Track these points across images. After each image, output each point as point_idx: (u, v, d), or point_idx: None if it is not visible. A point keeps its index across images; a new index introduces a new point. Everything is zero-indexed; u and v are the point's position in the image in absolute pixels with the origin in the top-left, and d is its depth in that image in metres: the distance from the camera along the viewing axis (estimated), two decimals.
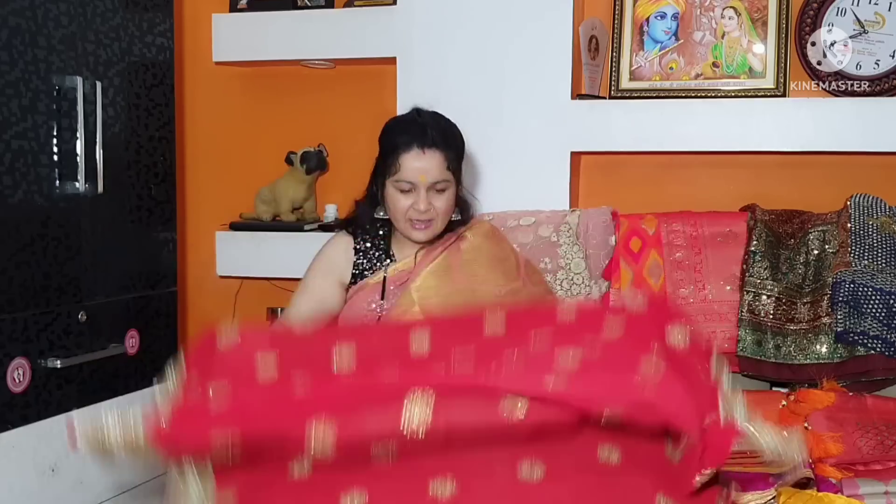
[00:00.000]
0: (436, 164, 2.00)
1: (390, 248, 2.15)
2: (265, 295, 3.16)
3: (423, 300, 2.04)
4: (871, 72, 2.59)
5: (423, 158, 2.00)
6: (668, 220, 2.54)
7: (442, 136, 2.03)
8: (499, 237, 2.22)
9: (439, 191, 2.03)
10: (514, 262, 2.17)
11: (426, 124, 2.03)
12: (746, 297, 2.38)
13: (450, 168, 2.03)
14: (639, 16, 2.75)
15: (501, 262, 2.14)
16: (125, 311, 2.35)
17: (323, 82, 3.15)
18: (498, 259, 2.13)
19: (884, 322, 2.23)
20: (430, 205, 2.02)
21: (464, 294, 2.05)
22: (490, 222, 2.25)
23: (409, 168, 2.00)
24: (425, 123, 2.03)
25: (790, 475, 1.90)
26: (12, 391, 2.00)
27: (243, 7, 3.06)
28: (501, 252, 2.17)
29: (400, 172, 2.01)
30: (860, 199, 2.44)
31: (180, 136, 3.09)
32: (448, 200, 2.05)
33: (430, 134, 2.01)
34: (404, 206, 2.03)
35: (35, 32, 2.05)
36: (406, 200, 2.02)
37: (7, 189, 1.99)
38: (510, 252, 2.20)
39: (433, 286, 2.06)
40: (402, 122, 2.09)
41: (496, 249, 2.16)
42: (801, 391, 2.22)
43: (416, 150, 2.00)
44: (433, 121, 2.06)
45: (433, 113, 2.10)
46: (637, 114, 2.67)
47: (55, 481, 2.13)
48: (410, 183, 2.01)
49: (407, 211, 2.03)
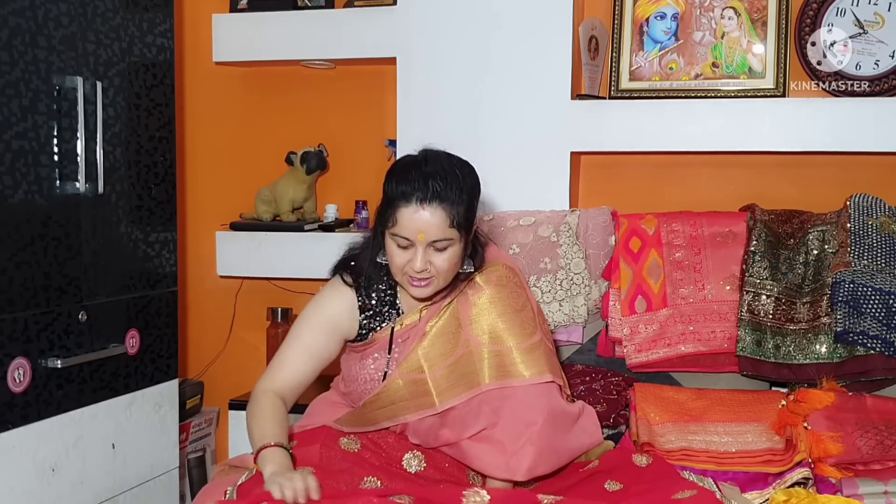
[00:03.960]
0: (437, 221, 1.78)
1: (396, 299, 1.99)
2: (265, 295, 3.17)
3: (433, 368, 1.88)
4: (870, 72, 2.59)
5: (422, 215, 1.78)
6: (667, 220, 2.55)
7: (447, 189, 1.79)
8: (515, 283, 1.98)
9: (440, 249, 1.82)
10: (532, 313, 1.97)
11: (430, 175, 1.79)
12: (746, 296, 2.38)
13: (454, 225, 1.80)
14: (639, 16, 2.75)
15: (518, 312, 1.93)
16: (125, 311, 2.36)
17: (323, 82, 3.15)
18: (514, 310, 1.92)
19: (883, 322, 2.23)
20: (427, 263, 1.82)
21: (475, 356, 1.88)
22: (504, 264, 1.99)
23: (405, 225, 1.79)
24: (429, 174, 1.79)
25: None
26: (12, 391, 2.00)
27: (243, 7, 3.06)
28: (517, 302, 1.94)
29: (397, 226, 1.81)
30: (860, 199, 2.44)
31: (180, 136, 3.10)
32: (450, 260, 1.84)
33: (432, 187, 1.78)
34: (401, 263, 1.83)
35: (35, 32, 2.05)
36: (403, 256, 1.83)
37: (7, 189, 1.99)
38: (527, 300, 1.98)
39: (444, 353, 1.89)
40: (406, 167, 1.84)
41: (512, 299, 1.93)
42: (801, 391, 2.22)
43: (415, 205, 1.78)
44: (440, 169, 1.81)
45: (443, 157, 1.86)
46: (637, 114, 2.68)
47: (55, 481, 2.13)
48: (407, 240, 1.81)
49: (404, 267, 1.84)
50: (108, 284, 2.29)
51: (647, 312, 2.46)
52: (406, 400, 1.90)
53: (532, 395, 1.88)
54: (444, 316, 1.93)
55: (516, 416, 1.86)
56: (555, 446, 1.91)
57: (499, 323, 1.90)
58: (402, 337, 1.96)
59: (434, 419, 1.91)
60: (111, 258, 2.30)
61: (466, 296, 1.93)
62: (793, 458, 2.03)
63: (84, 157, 2.17)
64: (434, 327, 1.92)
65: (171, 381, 2.53)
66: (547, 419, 1.87)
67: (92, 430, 2.25)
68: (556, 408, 1.92)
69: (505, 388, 1.87)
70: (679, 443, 2.13)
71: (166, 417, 2.52)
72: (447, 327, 1.92)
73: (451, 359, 1.89)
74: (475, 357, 1.89)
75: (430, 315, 1.94)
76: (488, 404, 1.88)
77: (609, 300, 2.50)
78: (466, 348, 1.89)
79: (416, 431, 1.93)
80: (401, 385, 1.90)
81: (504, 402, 1.87)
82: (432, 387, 1.88)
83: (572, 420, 1.99)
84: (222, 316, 3.24)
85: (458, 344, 1.90)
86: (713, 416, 2.22)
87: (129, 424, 2.37)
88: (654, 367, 2.45)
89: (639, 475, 1.89)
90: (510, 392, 1.87)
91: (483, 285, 1.93)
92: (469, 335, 1.90)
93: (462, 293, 1.94)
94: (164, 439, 2.51)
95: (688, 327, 2.43)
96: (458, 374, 1.89)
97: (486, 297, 1.92)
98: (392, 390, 1.90)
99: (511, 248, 2.55)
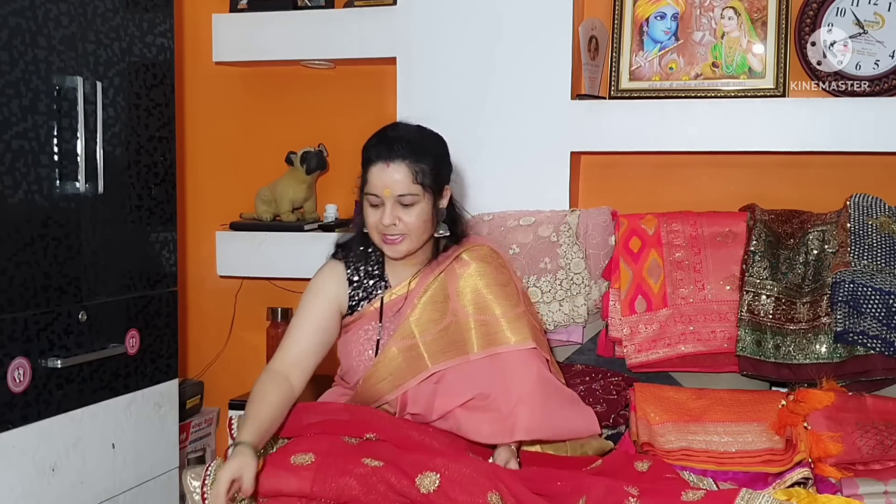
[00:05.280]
0: (400, 177, 1.97)
1: (384, 272, 2.13)
2: (265, 295, 3.17)
3: (423, 333, 2.03)
4: (870, 72, 2.59)
5: (388, 171, 1.97)
6: (667, 220, 2.54)
7: (411, 149, 1.99)
8: (500, 262, 2.16)
9: (406, 205, 1.99)
10: (515, 289, 2.13)
11: (395, 137, 2.01)
12: (746, 296, 2.38)
13: (419, 181, 1.98)
14: (638, 16, 2.75)
15: (503, 287, 2.09)
16: (125, 311, 2.36)
17: (323, 82, 3.15)
18: (499, 284, 2.09)
19: (883, 322, 2.23)
20: (396, 218, 1.99)
21: (462, 326, 2.03)
22: (489, 245, 2.18)
23: (374, 181, 1.99)
24: (394, 137, 2.01)
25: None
26: (12, 391, 2.01)
27: (243, 7, 3.06)
28: (502, 277, 2.12)
29: (368, 185, 2.00)
30: (860, 199, 2.44)
31: (180, 136, 3.09)
32: (419, 216, 2.00)
33: (396, 147, 1.98)
34: (374, 220, 2.01)
35: (35, 32, 2.05)
36: (375, 214, 2.01)
37: (7, 189, 1.99)
38: (510, 278, 2.15)
39: (433, 319, 2.04)
40: (375, 135, 2.06)
41: (497, 274, 2.11)
42: (801, 391, 2.22)
43: (381, 163, 1.98)
44: (405, 132, 2.04)
45: (413, 126, 2.08)
46: (637, 114, 2.68)
47: (55, 481, 2.13)
48: (377, 196, 1.99)
49: (377, 224, 2.01)
50: (108, 284, 2.29)
51: (647, 312, 2.46)
52: (402, 368, 2.02)
53: (519, 359, 2.01)
54: (432, 287, 2.07)
55: (506, 380, 1.99)
56: (548, 411, 1.99)
57: (485, 293, 2.06)
58: (393, 307, 2.08)
59: (430, 387, 2.01)
60: (111, 258, 2.30)
61: (453, 269, 2.09)
62: (793, 458, 2.03)
63: (84, 157, 2.17)
64: (424, 297, 2.06)
65: (171, 381, 2.53)
66: (536, 382, 2.00)
67: (92, 430, 2.25)
68: (544, 374, 2.04)
69: (493, 356, 2.00)
70: (679, 443, 2.13)
71: (166, 417, 2.52)
72: (436, 297, 2.06)
73: (441, 325, 2.03)
74: (463, 327, 2.03)
75: (419, 287, 2.08)
76: (481, 373, 2.00)
77: (609, 300, 2.50)
78: (454, 317, 2.04)
79: (415, 401, 2.02)
80: (395, 353, 2.02)
81: (494, 369, 2.00)
82: (423, 350, 2.02)
83: (566, 397, 2.09)
84: (222, 316, 3.24)
85: (447, 313, 2.05)
86: (713, 416, 2.22)
87: (129, 424, 2.38)
88: (653, 367, 2.45)
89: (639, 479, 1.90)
90: (498, 359, 2.00)
91: (469, 260, 2.10)
92: (457, 306, 2.06)
93: (449, 267, 2.09)
94: (164, 439, 2.52)
95: (688, 327, 2.43)
96: (448, 340, 2.02)
97: (472, 270, 2.08)
98: (388, 359, 2.03)
99: (511, 248, 2.55)
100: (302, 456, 1.80)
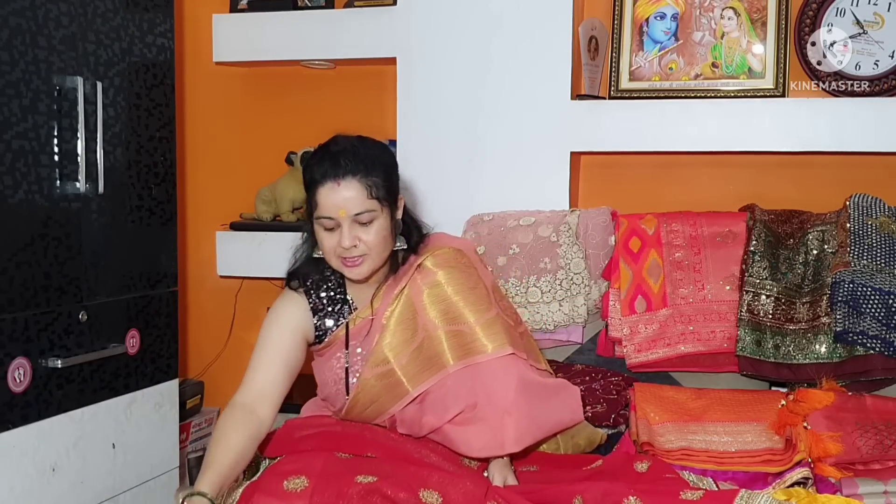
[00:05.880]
0: (353, 194, 1.84)
1: (346, 294, 2.02)
2: (265, 295, 3.17)
3: (398, 357, 1.94)
4: (870, 72, 2.59)
5: (338, 190, 1.84)
6: (667, 220, 2.55)
7: (358, 164, 1.86)
8: (465, 262, 2.02)
9: (364, 223, 1.86)
10: (485, 289, 2.01)
11: (339, 152, 1.87)
12: (746, 296, 2.38)
13: (374, 196, 1.86)
14: (638, 16, 2.75)
15: (472, 290, 1.98)
16: (125, 310, 2.36)
17: (323, 82, 3.15)
18: (468, 288, 1.98)
19: (883, 322, 2.23)
20: (356, 239, 1.86)
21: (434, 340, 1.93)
22: (451, 247, 2.04)
23: (325, 204, 1.85)
24: (338, 152, 1.87)
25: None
26: (13, 391, 2.01)
27: (243, 7, 3.06)
28: (469, 280, 1.99)
29: (319, 208, 1.86)
30: (859, 199, 2.45)
31: (180, 136, 3.10)
32: (378, 233, 1.88)
33: (342, 163, 1.85)
34: (331, 245, 1.88)
35: (36, 33, 2.05)
36: (332, 238, 1.87)
37: (7, 189, 1.99)
38: (478, 279, 2.02)
39: (405, 339, 1.94)
40: (316, 154, 1.92)
41: (464, 278, 1.98)
42: (801, 391, 2.22)
43: (331, 182, 1.84)
44: (348, 147, 1.89)
45: (355, 138, 1.94)
46: (637, 114, 2.68)
47: (55, 481, 2.13)
48: (331, 219, 1.85)
49: (335, 249, 1.88)
50: (109, 284, 2.30)
51: (647, 312, 2.46)
52: (382, 395, 1.95)
53: (499, 367, 1.92)
54: (398, 304, 1.97)
55: (489, 391, 1.90)
56: (533, 415, 1.93)
57: (456, 301, 1.95)
58: (360, 332, 1.98)
59: (415, 407, 1.95)
60: (111, 258, 2.30)
61: (416, 281, 1.97)
62: (792, 458, 2.03)
63: (84, 157, 2.17)
64: (392, 317, 1.96)
65: (171, 381, 2.53)
66: (518, 388, 1.91)
67: (92, 430, 2.25)
68: (525, 377, 1.95)
69: (470, 367, 1.91)
70: (679, 442, 2.13)
71: (166, 417, 2.52)
72: (404, 315, 1.96)
73: (414, 344, 1.94)
74: (434, 341, 1.94)
75: (384, 306, 1.97)
76: (462, 385, 1.91)
77: (609, 300, 2.50)
78: (425, 332, 1.94)
79: (402, 421, 1.97)
80: (373, 381, 1.94)
81: (475, 380, 1.91)
82: (401, 375, 1.93)
83: (549, 391, 2.01)
84: (222, 316, 3.24)
85: (418, 329, 1.95)
86: (713, 416, 2.22)
87: (130, 424, 2.38)
88: (653, 367, 2.45)
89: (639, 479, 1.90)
90: (476, 369, 1.91)
91: (433, 268, 1.98)
92: (425, 320, 1.95)
93: (412, 279, 1.97)
94: (165, 439, 2.52)
95: (687, 327, 2.43)
96: (424, 358, 1.93)
97: (438, 279, 1.96)
98: (367, 389, 1.95)
99: (511, 248, 2.55)
100: (295, 480, 1.68)
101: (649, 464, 1.94)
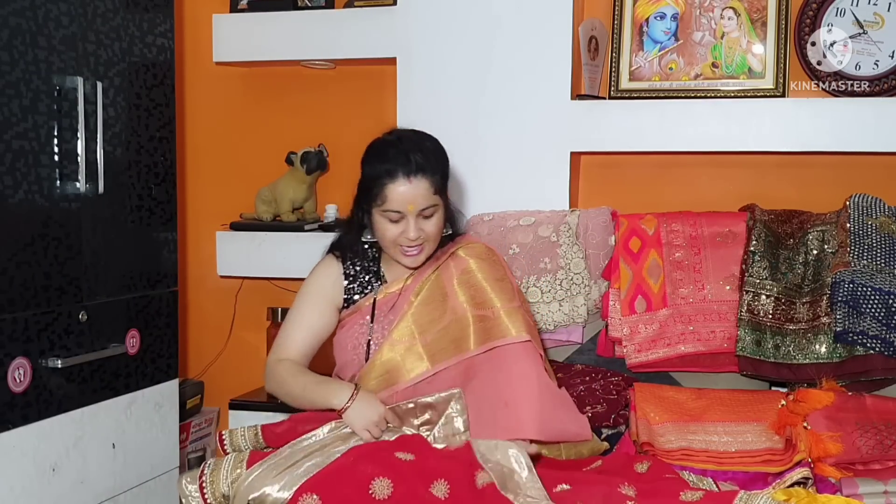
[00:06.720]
0: (422, 191, 1.97)
1: (380, 269, 2.14)
2: (265, 295, 3.17)
3: (424, 333, 2.03)
4: (870, 72, 2.59)
5: (409, 187, 1.96)
6: (667, 220, 2.55)
7: (426, 161, 1.98)
8: (495, 258, 2.15)
9: (428, 217, 2.00)
10: (511, 285, 2.12)
11: (408, 150, 1.98)
12: (746, 296, 2.38)
13: (437, 192, 2.00)
14: (638, 16, 2.76)
15: (499, 281, 2.09)
16: (125, 310, 2.36)
17: (323, 82, 3.15)
18: (495, 279, 2.09)
19: (883, 322, 2.23)
20: (420, 231, 1.99)
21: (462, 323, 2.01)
22: (484, 243, 2.20)
23: (395, 199, 1.97)
24: (407, 150, 1.98)
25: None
26: (13, 391, 2.01)
27: (244, 7, 3.06)
28: (498, 272, 2.11)
29: (387, 203, 1.97)
30: (859, 199, 2.45)
31: (181, 136, 3.10)
32: (437, 224, 2.03)
33: (413, 160, 1.96)
34: (394, 235, 2.00)
35: (36, 33, 2.05)
36: (395, 229, 2.00)
37: (7, 189, 1.99)
38: (506, 274, 2.14)
39: (433, 318, 2.03)
40: (383, 148, 2.02)
41: (493, 270, 2.10)
42: (801, 391, 2.22)
43: (402, 178, 1.96)
44: (415, 145, 2.00)
45: (414, 134, 2.06)
46: (637, 114, 2.68)
47: (55, 481, 2.13)
48: (398, 213, 1.98)
49: (397, 238, 2.00)
50: (109, 284, 2.30)
51: (647, 312, 2.46)
52: (399, 367, 2.01)
53: (520, 351, 1.99)
54: (427, 285, 2.07)
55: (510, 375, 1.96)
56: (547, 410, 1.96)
57: (485, 287, 2.05)
58: (386, 305, 2.08)
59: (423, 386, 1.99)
60: (111, 258, 2.30)
61: (448, 266, 2.09)
62: (792, 458, 2.04)
63: (84, 157, 2.17)
64: (419, 296, 2.06)
65: (171, 381, 2.53)
66: (538, 380, 1.97)
67: (92, 430, 2.25)
68: (543, 375, 2.01)
69: (492, 350, 1.98)
70: (679, 443, 2.13)
71: (166, 417, 2.52)
72: (433, 296, 2.06)
73: (441, 324, 2.02)
74: (462, 324, 2.02)
75: (413, 285, 2.08)
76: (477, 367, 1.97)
77: (609, 300, 2.50)
78: (454, 315, 2.03)
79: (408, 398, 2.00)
80: (393, 353, 2.02)
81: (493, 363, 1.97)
82: (423, 350, 2.01)
83: (560, 398, 2.05)
84: (222, 316, 3.24)
85: (447, 311, 2.04)
86: (713, 416, 2.22)
87: (130, 424, 2.38)
88: (653, 367, 2.45)
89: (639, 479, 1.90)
90: (497, 353, 1.97)
91: (465, 257, 2.10)
92: (455, 303, 2.04)
93: (444, 264, 2.09)
94: (165, 439, 2.52)
95: (687, 327, 2.43)
96: (449, 339, 2.01)
97: (470, 266, 2.08)
98: (386, 358, 2.02)
99: (511, 248, 2.55)
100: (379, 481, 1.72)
101: (649, 464, 1.94)
